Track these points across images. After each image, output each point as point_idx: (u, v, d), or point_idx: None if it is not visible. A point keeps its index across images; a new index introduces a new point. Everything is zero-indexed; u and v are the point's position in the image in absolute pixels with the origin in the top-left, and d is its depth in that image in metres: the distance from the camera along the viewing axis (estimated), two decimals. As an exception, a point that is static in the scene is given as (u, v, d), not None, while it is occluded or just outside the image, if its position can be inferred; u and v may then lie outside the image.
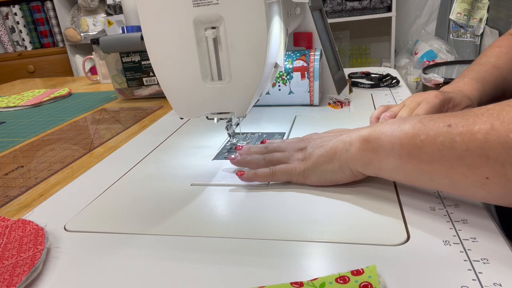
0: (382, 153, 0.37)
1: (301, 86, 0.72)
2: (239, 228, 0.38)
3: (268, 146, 0.49)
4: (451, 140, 0.32)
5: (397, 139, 0.36)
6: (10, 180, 0.55)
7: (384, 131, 0.37)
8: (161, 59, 0.45)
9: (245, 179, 0.45)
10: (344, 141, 0.41)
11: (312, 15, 0.77)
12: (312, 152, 0.43)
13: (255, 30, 0.41)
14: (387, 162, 0.37)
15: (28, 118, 0.90)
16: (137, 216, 0.41)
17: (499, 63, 0.59)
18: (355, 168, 0.40)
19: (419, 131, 0.34)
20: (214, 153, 0.56)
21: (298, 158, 0.44)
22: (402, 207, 0.38)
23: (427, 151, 0.34)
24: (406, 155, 0.35)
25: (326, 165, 0.42)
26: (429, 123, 0.34)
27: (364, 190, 0.42)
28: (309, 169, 0.43)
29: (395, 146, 0.36)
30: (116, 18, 2.24)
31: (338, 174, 0.41)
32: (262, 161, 0.47)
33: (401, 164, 0.36)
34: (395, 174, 0.38)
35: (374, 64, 2.56)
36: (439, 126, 0.33)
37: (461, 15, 2.05)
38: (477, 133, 0.31)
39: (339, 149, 0.41)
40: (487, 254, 0.31)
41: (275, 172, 0.44)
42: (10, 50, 2.65)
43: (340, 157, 0.41)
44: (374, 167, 0.39)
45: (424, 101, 0.50)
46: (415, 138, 0.34)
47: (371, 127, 0.39)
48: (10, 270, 0.33)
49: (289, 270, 0.31)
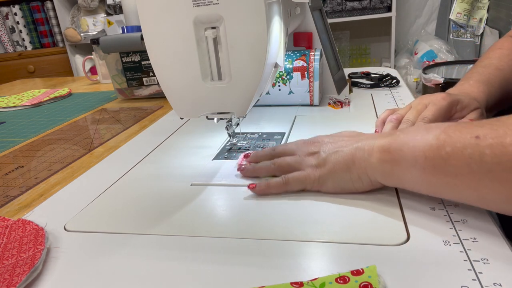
0: (404, 165, 0.36)
1: (301, 86, 0.72)
2: (239, 228, 0.38)
3: (275, 149, 0.47)
4: (480, 153, 0.30)
5: (421, 151, 0.34)
6: (10, 180, 0.55)
7: (406, 141, 0.36)
8: (161, 59, 0.45)
9: (257, 191, 0.42)
10: (362, 149, 0.39)
11: (312, 15, 0.77)
12: (327, 158, 0.41)
13: (255, 30, 0.41)
14: (409, 174, 0.36)
15: (28, 118, 0.90)
16: (137, 216, 0.41)
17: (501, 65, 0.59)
18: (375, 178, 0.39)
19: (444, 143, 0.33)
20: (214, 153, 0.56)
21: (311, 164, 0.42)
22: (402, 207, 0.38)
23: (453, 164, 0.32)
24: (431, 168, 0.34)
25: (344, 174, 0.40)
26: (455, 134, 0.32)
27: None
28: (325, 176, 0.41)
29: (418, 159, 0.34)
30: (116, 18, 2.24)
31: (356, 183, 0.40)
32: (272, 166, 0.45)
33: (425, 177, 0.34)
34: (418, 186, 0.36)
35: (374, 64, 2.56)
36: (466, 138, 0.31)
37: (461, 15, 2.05)
38: (509, 146, 0.29)
39: (357, 158, 0.39)
40: (487, 254, 0.31)
41: (288, 181, 0.42)
42: (10, 50, 2.65)
43: (358, 166, 0.39)
44: (395, 178, 0.37)
45: (431, 104, 0.49)
46: (440, 150, 0.33)
47: (391, 135, 0.38)
48: (10, 270, 0.33)
49: (289, 270, 0.31)
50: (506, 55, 0.60)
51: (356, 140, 0.41)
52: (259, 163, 0.47)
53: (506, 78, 0.58)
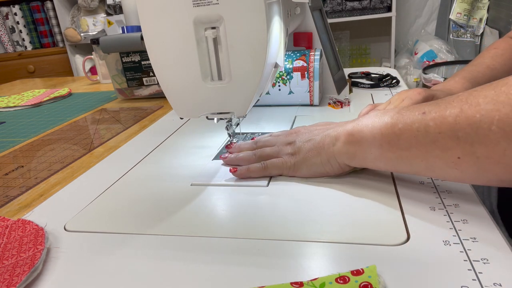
0: (365, 145, 0.39)
1: (301, 86, 0.72)
2: (239, 228, 0.38)
3: (257, 142, 0.50)
4: (425, 126, 0.34)
5: (378, 129, 0.38)
6: (10, 180, 0.55)
7: (366, 123, 0.40)
8: (161, 59, 0.45)
9: (238, 175, 0.46)
10: (330, 136, 0.43)
11: (312, 15, 0.77)
12: (301, 146, 0.45)
13: (255, 30, 0.41)
14: (370, 152, 0.39)
15: (28, 118, 0.90)
16: (137, 216, 0.41)
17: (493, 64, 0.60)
18: (342, 161, 0.42)
19: (397, 121, 0.37)
20: (214, 153, 0.56)
21: (288, 152, 0.46)
22: (402, 207, 0.38)
23: (404, 138, 0.36)
24: (387, 144, 0.37)
25: (315, 159, 0.44)
26: (406, 113, 0.37)
27: (364, 190, 0.42)
28: (299, 163, 0.45)
29: (376, 137, 0.38)
30: (116, 18, 2.24)
31: (326, 166, 0.44)
32: (253, 156, 0.48)
33: (382, 153, 0.38)
34: (377, 162, 0.40)
35: (374, 64, 2.56)
36: (415, 114, 0.36)
37: (461, 15, 2.05)
38: (448, 116, 0.33)
39: (326, 143, 0.43)
40: (487, 254, 0.31)
41: (266, 167, 0.46)
42: (10, 50, 2.65)
43: (327, 151, 0.43)
44: (358, 158, 0.41)
45: (407, 98, 0.52)
46: (394, 127, 0.37)
47: (355, 121, 0.42)
48: (10, 270, 0.33)
49: (289, 270, 0.31)
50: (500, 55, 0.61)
51: (327, 128, 0.45)
52: (240, 153, 0.50)
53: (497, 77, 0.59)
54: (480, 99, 0.32)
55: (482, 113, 0.31)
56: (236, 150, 0.51)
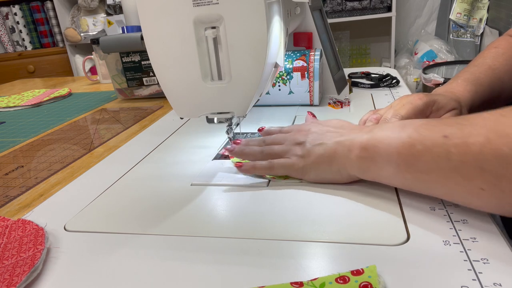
0: (379, 162, 0.38)
1: (301, 86, 0.72)
2: (239, 228, 0.38)
3: (265, 140, 0.49)
4: (447, 152, 0.32)
5: (394, 148, 0.36)
6: (10, 180, 0.55)
7: (381, 139, 0.38)
8: (161, 59, 0.45)
9: (243, 170, 0.46)
10: (343, 145, 0.41)
11: (312, 15, 0.77)
12: (311, 150, 0.44)
13: (255, 30, 0.41)
14: (384, 170, 0.38)
15: (28, 118, 0.90)
16: (137, 216, 0.41)
17: (495, 64, 0.59)
18: (353, 173, 0.41)
19: (416, 141, 0.35)
20: (214, 153, 0.56)
21: (297, 154, 0.44)
22: (402, 207, 0.38)
23: (424, 161, 0.34)
24: (404, 164, 0.36)
25: (325, 166, 0.43)
26: (425, 132, 0.35)
27: (364, 190, 0.42)
28: (308, 167, 0.44)
29: (392, 155, 0.36)
30: (116, 18, 2.24)
31: (336, 175, 0.42)
32: (260, 154, 0.47)
33: (398, 172, 0.37)
34: (392, 181, 0.39)
35: (374, 64, 2.56)
36: (436, 136, 0.34)
37: (461, 15, 2.05)
38: (472, 145, 0.31)
39: (338, 153, 0.41)
40: (487, 254, 0.31)
41: (273, 166, 0.45)
42: (10, 50, 2.65)
43: (339, 161, 0.41)
44: (372, 174, 0.40)
45: (408, 103, 0.51)
46: (412, 148, 0.35)
47: (370, 132, 0.40)
48: (10, 270, 0.33)
49: (289, 270, 0.31)
50: (501, 54, 0.60)
51: (340, 134, 0.43)
52: (247, 147, 0.49)
53: (499, 77, 0.58)
54: (508, 130, 0.29)
55: (510, 147, 0.29)
56: (244, 145, 0.50)
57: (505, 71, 0.59)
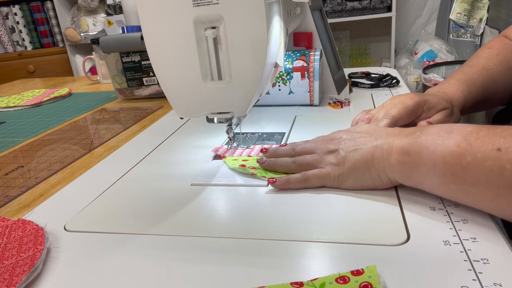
0: (423, 169, 0.36)
1: (301, 86, 0.72)
2: (239, 228, 0.38)
3: (295, 148, 0.47)
4: (500, 167, 0.30)
5: (440, 156, 0.34)
6: (10, 180, 0.55)
7: (426, 145, 0.35)
8: (161, 59, 0.45)
9: (277, 186, 0.43)
10: (382, 149, 0.39)
11: (312, 15, 0.77)
12: (346, 156, 0.41)
13: (255, 30, 0.41)
14: (428, 178, 0.36)
15: (28, 118, 0.90)
16: (137, 216, 0.41)
17: (488, 65, 0.59)
18: (394, 178, 0.39)
19: (465, 151, 0.32)
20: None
21: (331, 162, 0.42)
22: (402, 207, 0.38)
23: (473, 174, 0.32)
24: (450, 174, 0.34)
25: (363, 172, 0.40)
26: (476, 142, 0.32)
27: (364, 190, 0.42)
28: (345, 175, 0.41)
29: (437, 164, 0.34)
30: (116, 18, 2.24)
31: (376, 181, 0.40)
32: (292, 164, 0.45)
33: (443, 183, 0.35)
34: (436, 190, 0.37)
35: (374, 64, 2.56)
36: (488, 149, 0.31)
37: (461, 15, 2.05)
38: None
39: (376, 157, 0.39)
40: (487, 254, 0.31)
41: (308, 178, 0.43)
42: (10, 50, 2.65)
43: (377, 165, 0.39)
44: (414, 181, 0.38)
45: (399, 103, 0.50)
46: (460, 158, 0.33)
47: (411, 135, 0.38)
48: (10, 270, 0.33)
49: (289, 270, 0.31)
50: (495, 55, 0.60)
51: (375, 137, 0.41)
52: (278, 159, 0.47)
53: (492, 78, 0.58)
54: None
55: None
56: (272, 155, 0.48)
57: (499, 72, 0.59)
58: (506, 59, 0.60)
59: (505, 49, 0.61)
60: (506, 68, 0.60)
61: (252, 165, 0.49)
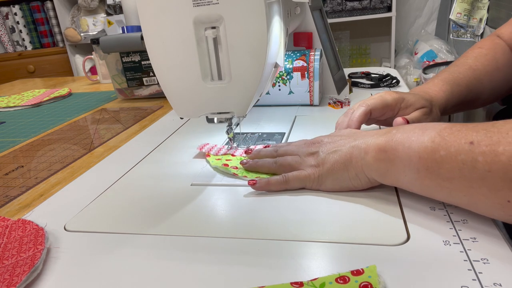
0: (399, 165, 0.36)
1: (301, 86, 0.72)
2: (239, 228, 0.38)
3: (278, 150, 0.48)
4: (473, 160, 0.31)
5: (415, 152, 0.35)
6: (10, 180, 0.55)
7: (402, 141, 0.36)
8: (161, 59, 0.45)
9: (257, 188, 0.43)
10: (359, 148, 0.40)
11: (312, 15, 0.77)
12: (326, 158, 0.42)
13: (255, 30, 0.41)
14: (404, 174, 0.36)
15: (28, 118, 0.90)
16: (137, 216, 0.41)
17: (476, 65, 0.59)
18: (371, 176, 0.39)
19: (439, 146, 0.33)
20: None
21: (311, 164, 0.43)
22: (402, 207, 0.38)
23: (447, 168, 0.32)
24: (425, 169, 0.34)
25: (342, 172, 0.41)
26: (450, 137, 0.33)
27: (364, 190, 0.42)
28: (324, 176, 0.42)
29: (413, 160, 0.35)
30: (116, 18, 2.24)
31: (354, 181, 0.41)
32: (274, 165, 0.46)
33: (418, 178, 0.35)
34: (412, 186, 0.37)
35: (374, 64, 2.56)
36: (461, 143, 0.32)
37: (461, 15, 2.05)
38: (501, 154, 0.29)
39: (354, 156, 0.40)
40: (487, 254, 0.31)
41: (288, 180, 0.43)
42: (10, 50, 2.65)
43: (355, 164, 0.40)
44: (390, 178, 0.38)
45: (378, 96, 0.51)
46: (435, 153, 0.33)
47: (388, 134, 0.38)
48: (10, 270, 0.33)
49: (289, 270, 0.31)
50: (483, 55, 0.60)
51: (354, 138, 0.42)
52: (261, 160, 0.48)
53: (478, 78, 0.58)
54: None
55: None
56: (255, 156, 0.49)
57: (485, 72, 0.59)
58: (495, 59, 0.60)
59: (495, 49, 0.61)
60: (494, 69, 0.59)
61: (235, 165, 0.50)
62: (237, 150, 0.54)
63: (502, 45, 0.61)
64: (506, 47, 0.61)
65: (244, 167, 0.48)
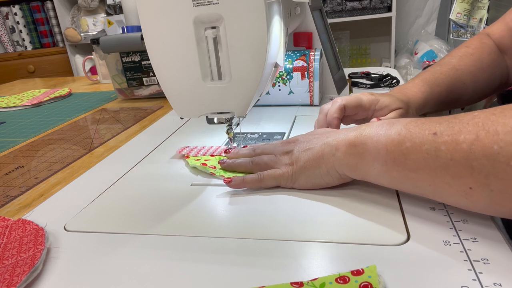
0: (368, 159, 0.37)
1: (301, 86, 0.72)
2: (239, 228, 0.38)
3: (256, 149, 0.49)
4: (436, 149, 0.32)
5: (383, 145, 0.36)
6: (10, 180, 0.55)
7: (370, 135, 0.37)
8: (161, 59, 0.45)
9: (233, 186, 0.44)
10: (330, 145, 0.41)
11: (312, 15, 0.77)
12: (299, 156, 0.43)
13: (255, 30, 0.41)
14: (372, 167, 0.37)
15: (28, 118, 0.90)
16: (137, 216, 0.41)
17: (460, 65, 0.58)
18: (342, 172, 0.40)
19: (405, 138, 0.34)
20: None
21: (286, 163, 0.44)
22: (402, 207, 0.38)
23: (412, 159, 0.34)
24: (392, 161, 0.35)
25: (314, 169, 0.42)
26: (415, 130, 0.34)
27: (364, 190, 0.42)
28: (297, 174, 0.43)
29: (380, 152, 0.36)
30: (116, 18, 2.24)
31: (326, 177, 0.42)
32: (250, 164, 0.47)
33: (386, 170, 0.36)
34: (380, 179, 0.38)
35: (374, 64, 2.56)
36: (425, 134, 0.33)
37: (461, 15, 2.05)
38: (462, 143, 0.30)
39: (325, 153, 0.41)
40: (487, 254, 0.31)
41: (263, 178, 0.44)
42: (10, 50, 2.65)
43: (327, 161, 0.41)
44: (360, 171, 0.39)
45: (354, 96, 0.52)
46: (401, 145, 0.34)
47: (357, 129, 0.39)
48: (10, 270, 0.33)
49: (289, 270, 0.31)
50: (469, 55, 0.59)
51: (326, 136, 0.43)
52: (238, 159, 0.49)
53: (460, 79, 0.58)
54: (498, 127, 0.29)
55: (500, 145, 0.28)
56: (234, 156, 0.50)
57: (469, 73, 0.58)
58: (480, 60, 0.59)
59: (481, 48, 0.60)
60: (478, 69, 0.59)
61: (213, 165, 0.50)
62: (216, 151, 0.55)
63: (490, 44, 0.61)
64: (493, 47, 0.61)
65: (222, 166, 0.49)
